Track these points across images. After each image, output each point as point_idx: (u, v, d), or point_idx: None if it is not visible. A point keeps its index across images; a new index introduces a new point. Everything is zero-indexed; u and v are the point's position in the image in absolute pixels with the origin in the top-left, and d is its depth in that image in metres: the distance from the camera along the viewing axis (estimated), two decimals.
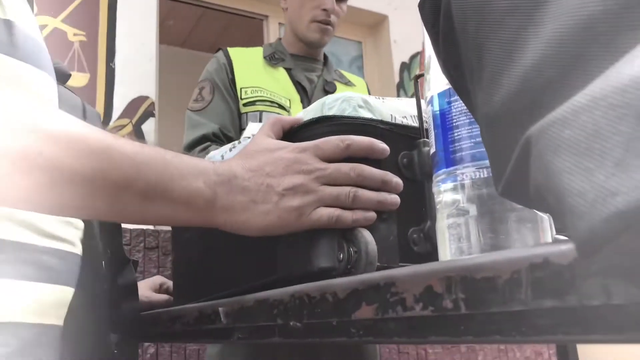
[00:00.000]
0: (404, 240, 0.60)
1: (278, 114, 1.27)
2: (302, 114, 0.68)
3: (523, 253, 0.24)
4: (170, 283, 1.05)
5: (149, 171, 0.48)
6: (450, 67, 0.43)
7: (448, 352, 2.13)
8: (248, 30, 3.72)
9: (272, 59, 1.40)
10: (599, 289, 0.21)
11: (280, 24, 3.00)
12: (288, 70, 1.39)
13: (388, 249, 0.58)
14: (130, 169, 0.47)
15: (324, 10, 1.37)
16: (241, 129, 1.29)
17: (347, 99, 0.64)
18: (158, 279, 1.09)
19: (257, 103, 1.29)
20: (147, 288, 1.04)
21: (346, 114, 0.63)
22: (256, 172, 0.54)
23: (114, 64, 2.28)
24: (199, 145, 1.25)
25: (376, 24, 3.23)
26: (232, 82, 1.32)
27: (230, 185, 0.52)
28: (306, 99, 1.33)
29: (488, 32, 0.30)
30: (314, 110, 0.65)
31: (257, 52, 1.42)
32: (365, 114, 0.64)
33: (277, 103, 1.30)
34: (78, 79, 2.21)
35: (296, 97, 1.33)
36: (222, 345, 1.10)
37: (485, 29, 0.31)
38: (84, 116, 0.76)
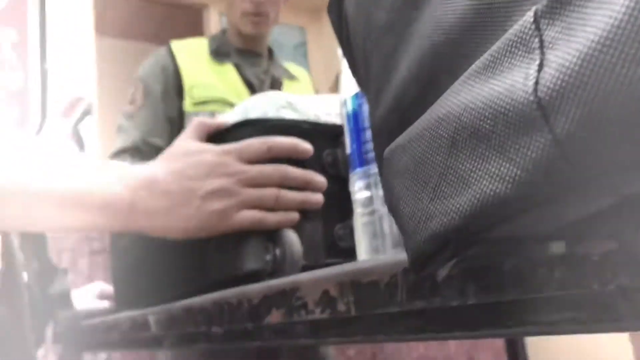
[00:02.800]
0: (330, 237, 0.62)
1: None
2: (226, 116, 0.68)
3: (399, 257, 0.26)
4: (111, 289, 1.04)
5: (63, 179, 0.48)
6: (355, 71, 0.44)
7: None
8: (188, 19, 3.66)
9: (218, 54, 1.33)
10: (457, 292, 0.23)
11: (221, 13, 2.97)
12: (236, 66, 1.33)
13: (314, 248, 0.59)
14: (43, 177, 0.47)
15: (251, 2, 1.30)
16: (182, 128, 1.25)
17: (270, 100, 0.65)
18: (99, 285, 1.08)
19: (209, 103, 1.24)
20: (88, 295, 1.03)
21: (269, 115, 0.64)
22: (177, 175, 0.54)
23: (47, 65, 2.21)
24: (117, 158, 1.21)
25: (319, 9, 3.20)
26: (177, 83, 1.26)
27: (150, 189, 0.53)
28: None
29: (371, 48, 0.32)
30: (238, 112, 0.66)
31: (202, 46, 1.36)
32: (288, 114, 0.65)
33: (228, 102, 1.25)
34: (10, 82, 2.13)
35: (246, 93, 1.29)
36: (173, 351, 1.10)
37: (369, 44, 0.32)
38: None
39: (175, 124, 1.24)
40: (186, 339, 0.48)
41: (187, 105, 1.24)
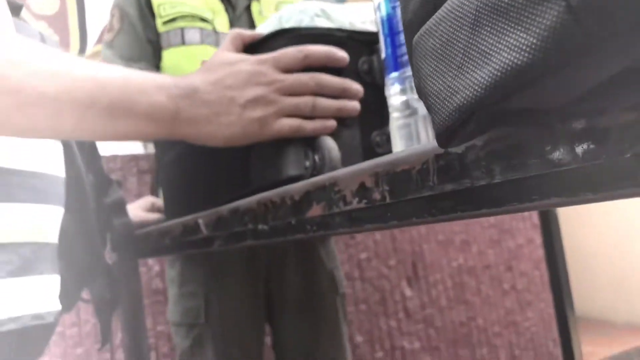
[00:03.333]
0: (368, 144, 0.63)
1: (201, 28, 1.18)
2: (261, 27, 0.69)
3: (430, 146, 0.28)
4: (161, 202, 1.10)
5: (111, 88, 0.51)
6: None
7: (442, 246, 2.24)
8: None
9: None
10: (484, 172, 0.25)
11: None
12: None
13: (352, 154, 0.61)
14: (93, 87, 0.50)
15: None
16: (161, 50, 1.20)
17: (304, 9, 0.65)
18: (149, 199, 1.14)
19: (178, 19, 1.19)
20: (140, 208, 1.09)
21: (304, 24, 0.64)
22: (217, 85, 0.56)
23: None
24: None
25: None
26: (149, 3, 1.21)
27: (192, 98, 0.55)
28: (230, 8, 1.23)
29: None
30: (272, 23, 0.66)
31: None
32: (323, 23, 0.65)
33: (198, 17, 1.20)
34: (47, 7, 2.15)
35: (219, 7, 1.23)
36: (181, 267, 1.13)
37: None
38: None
39: (156, 46, 1.20)
40: (235, 238, 0.52)
41: (159, 25, 1.20)
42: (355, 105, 0.60)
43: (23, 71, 0.47)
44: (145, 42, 1.20)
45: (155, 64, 1.20)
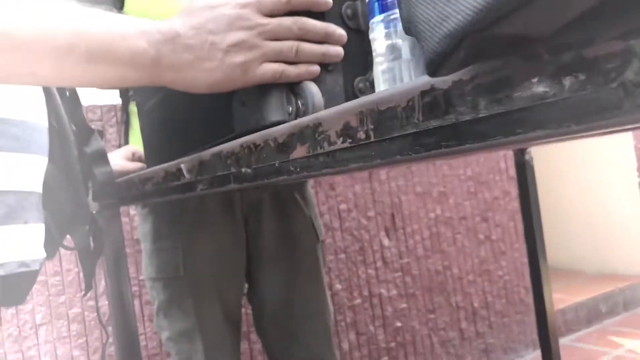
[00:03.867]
0: (351, 90, 0.63)
1: None
2: None
3: (416, 83, 0.28)
4: (142, 151, 1.08)
5: (91, 34, 0.49)
6: None
7: (420, 198, 2.27)
8: None
9: None
10: (470, 106, 0.25)
11: None
12: None
13: (335, 99, 0.61)
14: (72, 32, 0.48)
15: None
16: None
17: None
18: (130, 148, 1.13)
19: None
20: (121, 157, 1.08)
21: None
22: (199, 29, 0.55)
23: None
24: None
25: None
26: None
27: (174, 43, 0.53)
28: None
29: None
30: None
31: None
32: None
33: None
34: None
35: None
36: (153, 221, 1.11)
37: None
38: None
39: None
40: (218, 181, 0.52)
41: None
42: (339, 50, 0.60)
43: None
44: None
45: (117, 8, 1.12)
